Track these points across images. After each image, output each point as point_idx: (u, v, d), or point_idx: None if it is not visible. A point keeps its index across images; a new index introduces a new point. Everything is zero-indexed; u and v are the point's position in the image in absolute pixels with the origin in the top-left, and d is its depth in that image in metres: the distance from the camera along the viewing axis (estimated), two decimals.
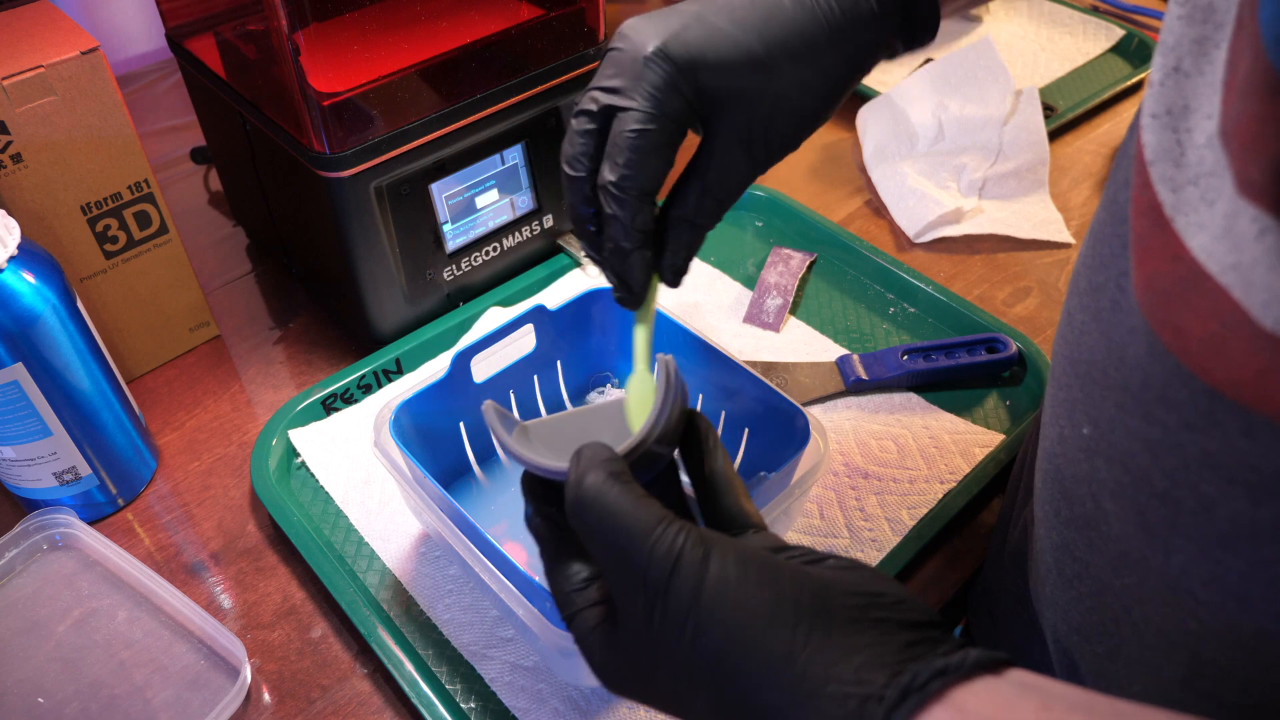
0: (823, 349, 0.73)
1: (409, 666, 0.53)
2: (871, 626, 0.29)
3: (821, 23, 0.42)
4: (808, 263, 0.80)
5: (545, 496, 0.39)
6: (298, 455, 0.67)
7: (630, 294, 0.44)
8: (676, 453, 0.41)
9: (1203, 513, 0.33)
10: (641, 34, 0.41)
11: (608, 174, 0.41)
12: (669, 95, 0.40)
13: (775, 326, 0.75)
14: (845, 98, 0.45)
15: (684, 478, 0.41)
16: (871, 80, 1.00)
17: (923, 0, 0.44)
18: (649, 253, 0.43)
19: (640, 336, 0.45)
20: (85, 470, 0.61)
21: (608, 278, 0.45)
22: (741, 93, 0.41)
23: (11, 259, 0.54)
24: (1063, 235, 0.83)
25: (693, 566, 0.31)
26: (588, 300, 0.63)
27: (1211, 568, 0.34)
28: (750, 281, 0.79)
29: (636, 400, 0.42)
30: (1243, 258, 0.27)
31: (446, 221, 0.71)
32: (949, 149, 0.91)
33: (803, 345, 0.74)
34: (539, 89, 0.71)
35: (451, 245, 0.73)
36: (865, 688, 0.28)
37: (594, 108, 0.41)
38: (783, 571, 0.31)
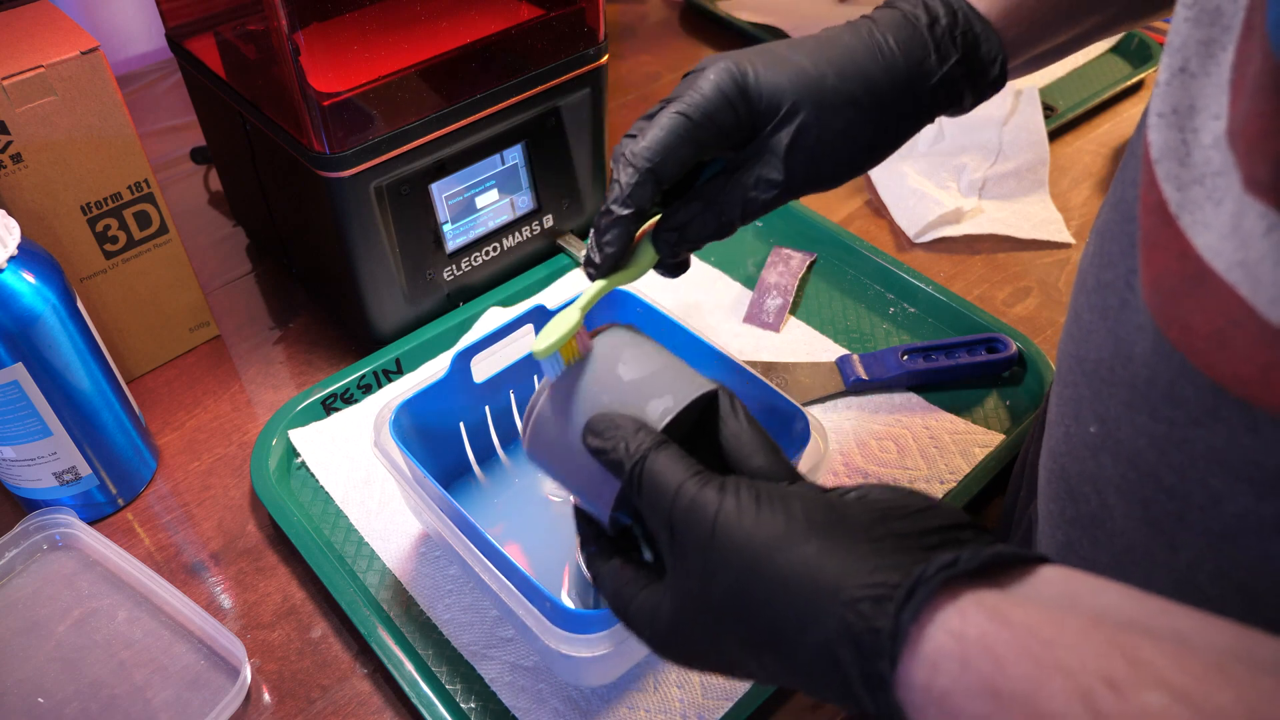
0: (823, 349, 0.73)
1: (409, 666, 0.53)
2: (891, 534, 0.30)
3: (876, 55, 0.44)
4: (808, 263, 0.80)
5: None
6: (298, 455, 0.67)
7: (599, 263, 0.43)
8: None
9: (1209, 508, 0.33)
10: (712, 59, 0.44)
11: (630, 143, 0.42)
12: (719, 103, 0.42)
13: (775, 326, 0.75)
14: (901, 141, 0.46)
15: None
16: None
17: (982, 42, 0.45)
18: (632, 230, 0.43)
19: (594, 288, 0.44)
20: (85, 470, 0.61)
21: (590, 241, 0.44)
22: (789, 106, 0.43)
23: (11, 259, 0.54)
24: (1063, 235, 0.83)
25: (708, 505, 0.33)
26: None
27: (1218, 563, 0.34)
28: (750, 281, 0.79)
29: (555, 323, 0.42)
30: (1249, 255, 0.27)
31: (446, 221, 0.71)
32: (949, 149, 0.91)
33: (803, 345, 0.74)
34: (539, 89, 0.71)
35: (451, 245, 0.73)
36: (879, 589, 0.28)
37: (652, 112, 0.43)
38: (795, 497, 0.32)
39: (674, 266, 0.47)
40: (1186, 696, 0.22)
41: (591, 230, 0.44)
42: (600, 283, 0.44)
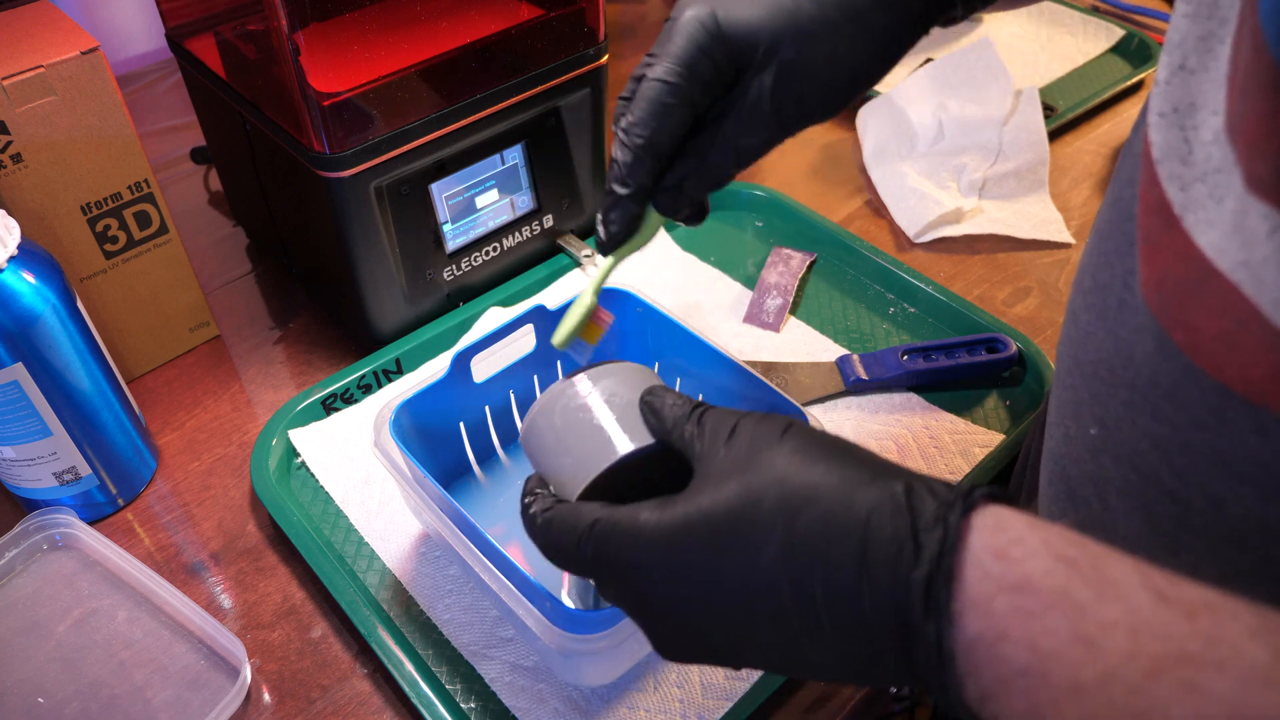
0: (823, 349, 0.73)
1: (409, 666, 0.53)
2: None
3: None
4: (808, 263, 0.80)
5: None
6: (298, 455, 0.67)
7: (606, 242, 0.44)
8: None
9: (1212, 511, 0.33)
10: (685, 3, 0.42)
11: (622, 120, 0.41)
12: (697, 56, 0.40)
13: (775, 326, 0.75)
14: (892, 61, 0.44)
15: None
16: None
17: None
18: (636, 207, 0.43)
19: (604, 266, 0.45)
20: (85, 470, 0.61)
21: (598, 219, 0.44)
22: (768, 46, 0.41)
23: (11, 259, 0.54)
24: (1063, 235, 0.83)
25: (777, 423, 0.33)
26: None
27: (1221, 566, 0.34)
28: (750, 281, 0.79)
29: (571, 311, 0.43)
30: (1253, 255, 0.27)
31: (446, 221, 0.71)
32: (949, 149, 0.91)
33: (803, 345, 0.74)
34: (539, 89, 0.71)
35: (451, 245, 0.73)
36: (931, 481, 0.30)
37: (638, 71, 0.42)
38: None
39: (690, 216, 0.46)
40: (1236, 597, 0.24)
41: (599, 209, 0.43)
42: (610, 259, 0.44)
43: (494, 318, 0.74)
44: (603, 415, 0.40)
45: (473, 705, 0.53)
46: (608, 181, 0.42)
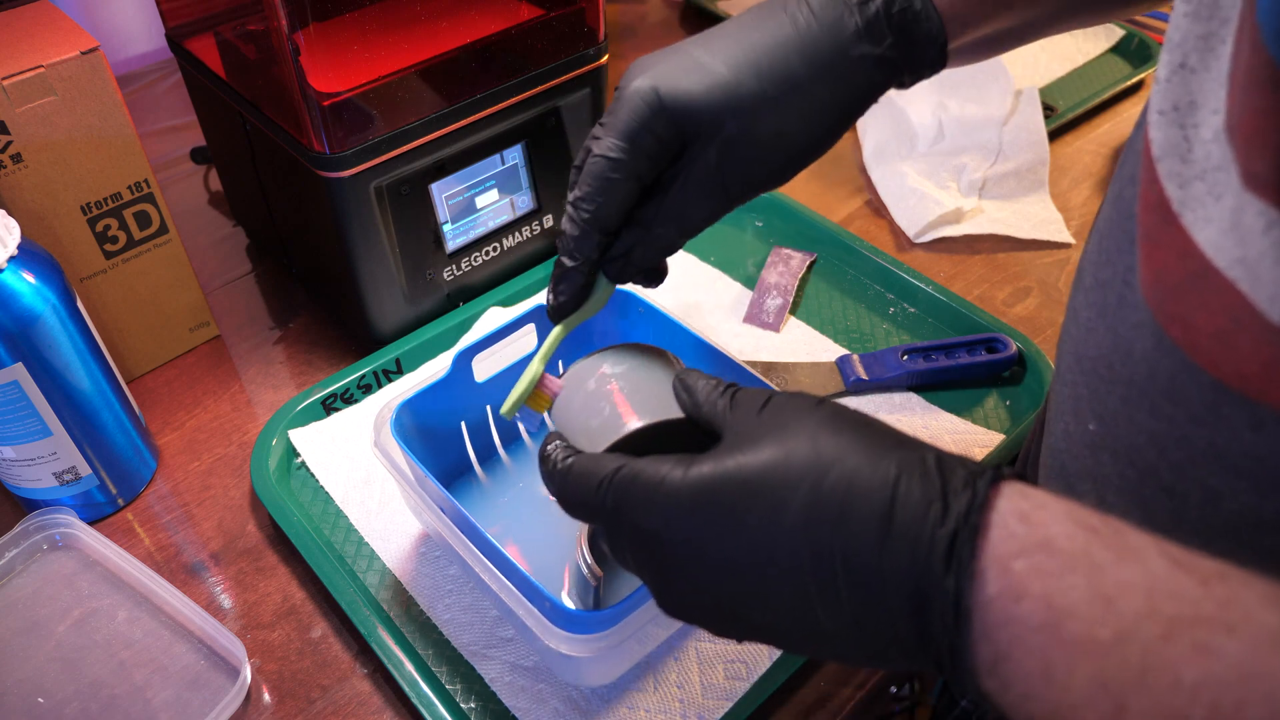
0: (823, 349, 0.73)
1: (409, 666, 0.53)
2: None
3: (800, 42, 0.41)
4: (808, 263, 0.80)
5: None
6: (298, 455, 0.67)
7: (557, 309, 0.44)
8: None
9: (1209, 506, 0.33)
10: (632, 72, 0.42)
11: (570, 193, 0.42)
12: (640, 131, 0.41)
13: (775, 326, 0.75)
14: (841, 130, 0.43)
15: None
16: None
17: (921, 19, 0.41)
18: (584, 278, 0.43)
19: (553, 335, 0.46)
20: (85, 470, 0.61)
21: (548, 288, 0.45)
22: (716, 126, 0.41)
23: (11, 259, 0.54)
24: (1063, 235, 0.83)
25: (809, 397, 0.34)
26: None
27: None
28: (750, 281, 0.79)
29: (518, 385, 0.44)
30: (1249, 252, 0.27)
31: (446, 221, 0.71)
32: (949, 149, 0.91)
33: (803, 345, 0.74)
34: (539, 89, 0.71)
35: (451, 245, 0.73)
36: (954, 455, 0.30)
37: (588, 141, 0.43)
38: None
39: (645, 280, 0.46)
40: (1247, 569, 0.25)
41: (551, 278, 0.44)
42: (558, 328, 0.45)
43: (494, 318, 0.74)
44: (634, 387, 0.41)
45: (473, 705, 0.53)
46: (558, 253, 0.43)
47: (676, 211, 0.43)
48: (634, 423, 0.40)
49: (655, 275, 0.46)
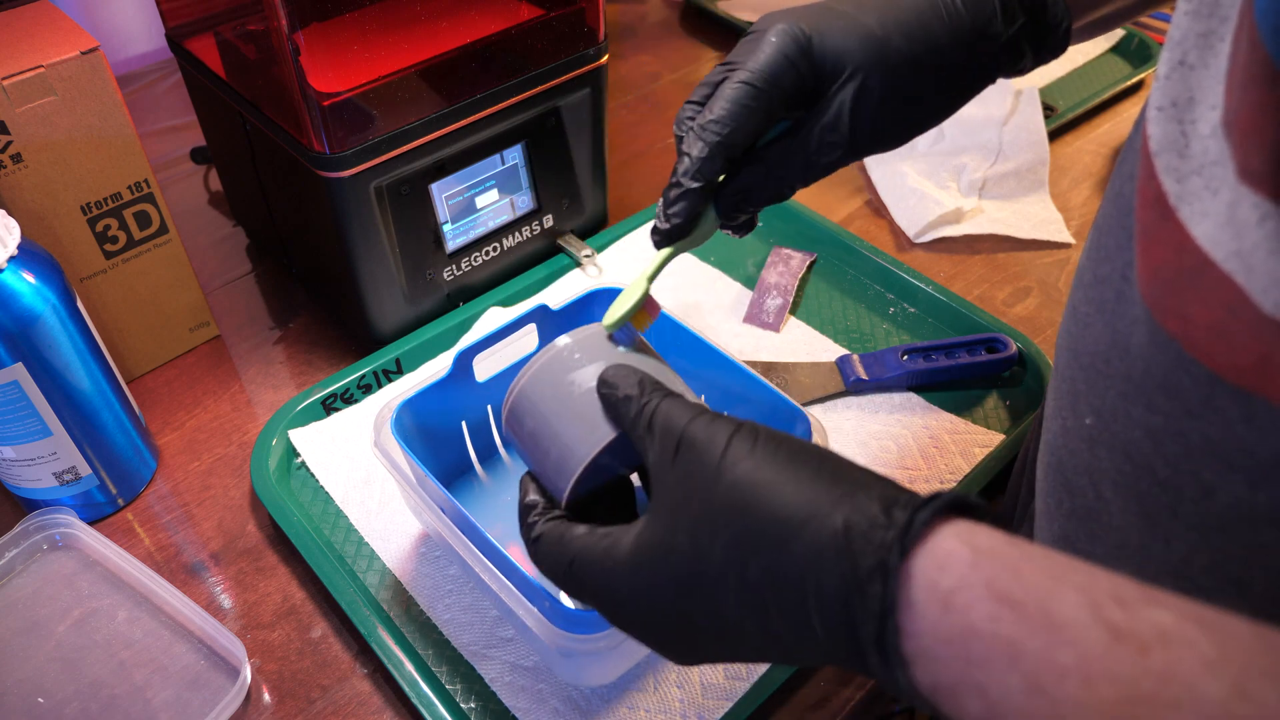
0: (823, 349, 0.73)
1: (409, 666, 0.53)
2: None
3: (943, 14, 0.43)
4: (808, 263, 0.80)
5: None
6: (298, 455, 0.67)
7: (667, 233, 0.44)
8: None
9: (1203, 499, 0.33)
10: (770, 19, 0.43)
11: (699, 117, 0.42)
12: (781, 65, 0.41)
13: (775, 326, 0.75)
14: (963, 102, 0.45)
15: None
16: None
17: (1050, 6, 0.43)
18: (701, 202, 0.43)
19: (659, 256, 0.45)
20: (85, 470, 0.61)
21: (657, 211, 0.44)
22: (855, 69, 0.42)
23: (11, 259, 0.54)
24: (1063, 235, 0.83)
25: (720, 432, 0.34)
26: (590, 300, 0.63)
27: (1211, 554, 0.34)
28: (750, 281, 0.79)
29: (623, 297, 0.44)
30: (1245, 244, 0.28)
31: (446, 221, 0.71)
32: (949, 149, 0.91)
33: (803, 345, 0.74)
34: (539, 89, 0.71)
35: (451, 245, 0.73)
36: (891, 492, 0.30)
37: (713, 78, 0.43)
38: (797, 441, 0.34)
39: (740, 226, 0.47)
40: (1196, 617, 0.24)
41: (660, 200, 0.44)
42: (666, 251, 0.45)
43: (494, 318, 0.74)
44: (569, 407, 0.41)
45: (473, 705, 0.53)
46: (675, 175, 0.43)
47: (802, 155, 0.43)
48: (576, 466, 0.41)
49: (750, 224, 0.47)
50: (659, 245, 0.44)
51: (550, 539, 0.38)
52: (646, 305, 0.44)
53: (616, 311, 0.43)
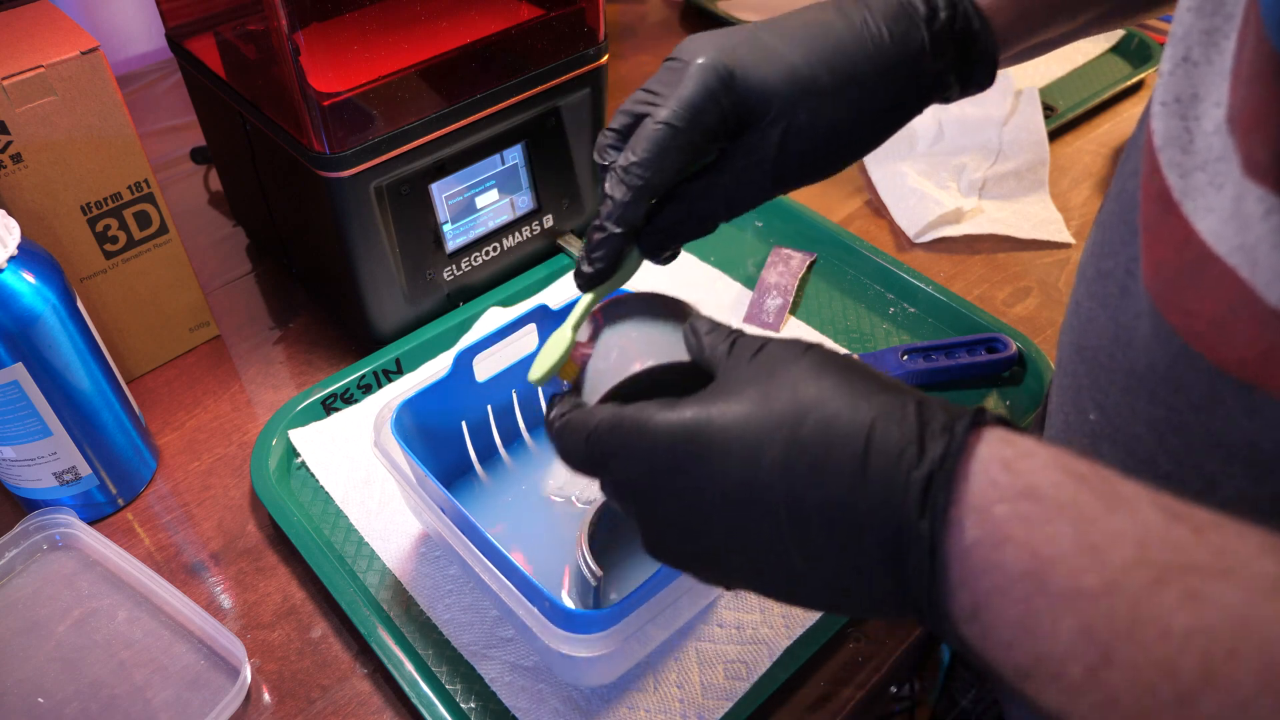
0: None
1: (409, 666, 0.53)
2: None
3: (870, 49, 0.42)
4: (808, 263, 0.80)
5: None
6: (298, 455, 0.67)
7: (590, 276, 0.43)
8: None
9: (1206, 493, 0.33)
10: (692, 48, 0.42)
11: (621, 159, 0.41)
12: (704, 102, 0.40)
13: (775, 326, 0.75)
14: (889, 134, 0.44)
15: None
16: None
17: (978, 40, 0.43)
18: (625, 244, 0.43)
19: (583, 303, 0.45)
20: (85, 470, 0.61)
21: (580, 254, 0.44)
22: (780, 107, 0.41)
23: (11, 259, 0.54)
24: (1063, 235, 0.83)
25: (798, 342, 0.34)
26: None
27: None
28: (750, 281, 0.79)
29: (547, 349, 0.43)
30: (1249, 238, 0.28)
31: (446, 221, 0.71)
32: (949, 149, 0.91)
33: None
34: (539, 89, 0.71)
35: (451, 245, 0.73)
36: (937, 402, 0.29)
37: (633, 108, 0.42)
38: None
39: (668, 257, 0.46)
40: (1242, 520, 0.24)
41: (584, 242, 0.43)
42: (589, 295, 0.44)
43: (494, 318, 0.74)
44: (644, 333, 0.41)
45: (473, 705, 0.53)
46: (598, 218, 0.42)
47: (728, 191, 0.43)
48: (636, 366, 0.40)
49: (674, 254, 0.47)
50: (584, 289, 0.44)
51: (579, 413, 0.36)
52: (574, 354, 0.44)
53: (544, 365, 0.42)
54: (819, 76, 0.41)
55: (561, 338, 0.43)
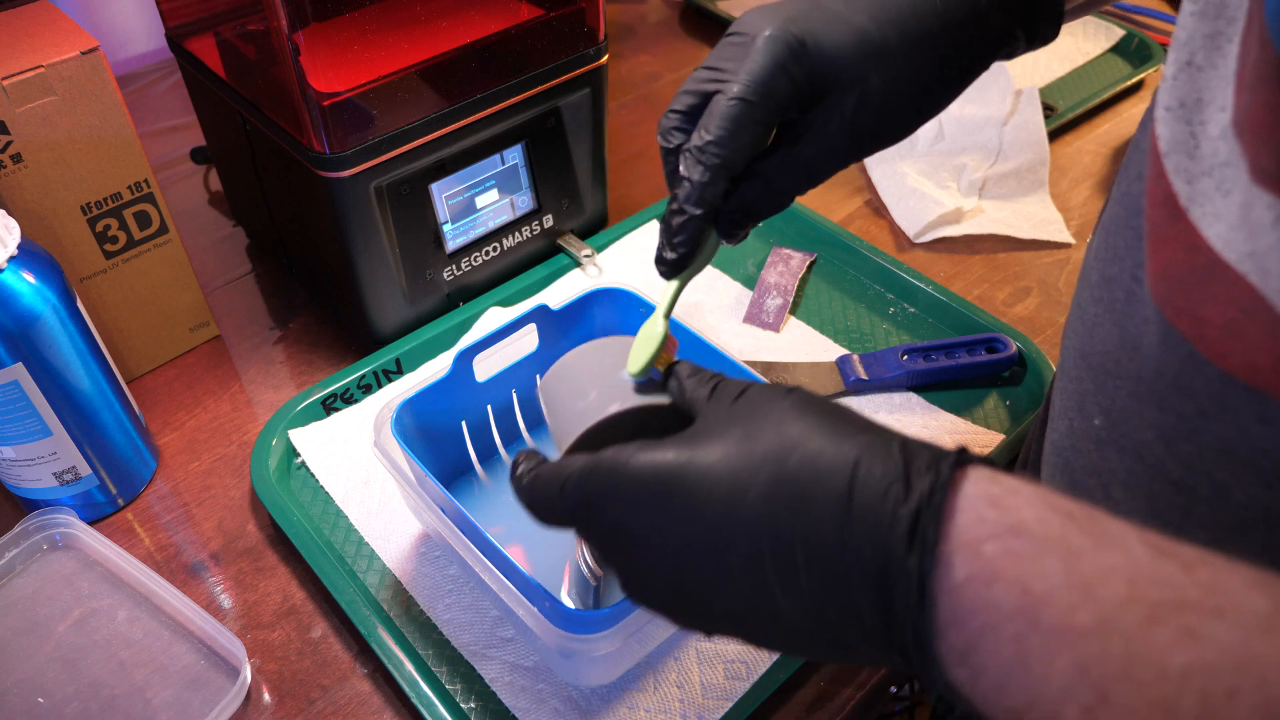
0: (823, 349, 0.73)
1: (409, 666, 0.53)
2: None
3: (938, 6, 0.41)
4: (808, 263, 0.80)
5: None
6: (298, 455, 0.67)
7: (674, 263, 0.42)
8: None
9: (1216, 500, 0.33)
10: (756, 21, 0.41)
11: (695, 139, 0.40)
12: (776, 76, 0.39)
13: (775, 326, 0.75)
14: (960, 90, 0.44)
15: None
16: None
17: (1043, 11, 0.42)
18: (705, 226, 0.41)
19: (671, 289, 0.44)
20: (85, 470, 0.61)
21: (660, 240, 0.43)
22: (853, 74, 0.40)
23: (11, 259, 0.54)
24: (1063, 235, 0.83)
25: (779, 389, 0.33)
26: (590, 300, 0.63)
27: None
28: (750, 281, 0.79)
29: (642, 340, 0.43)
30: (1259, 245, 0.28)
31: (446, 221, 0.71)
32: (949, 149, 0.91)
33: (803, 345, 0.74)
34: (539, 89, 0.71)
35: (451, 245, 0.73)
36: (921, 443, 0.29)
37: (697, 86, 0.41)
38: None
39: (739, 237, 0.45)
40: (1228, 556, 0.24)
41: (661, 228, 0.42)
42: (675, 283, 0.44)
43: (494, 318, 0.74)
44: (598, 380, 0.41)
45: (473, 705, 0.53)
46: (676, 201, 0.41)
47: (805, 163, 0.42)
48: (614, 407, 0.40)
49: (747, 234, 0.45)
50: (668, 276, 0.43)
51: (550, 466, 0.36)
52: (667, 345, 0.43)
53: (641, 357, 0.42)
54: (889, 39, 0.40)
55: (655, 328, 0.43)
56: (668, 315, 0.43)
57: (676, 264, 0.42)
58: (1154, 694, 0.22)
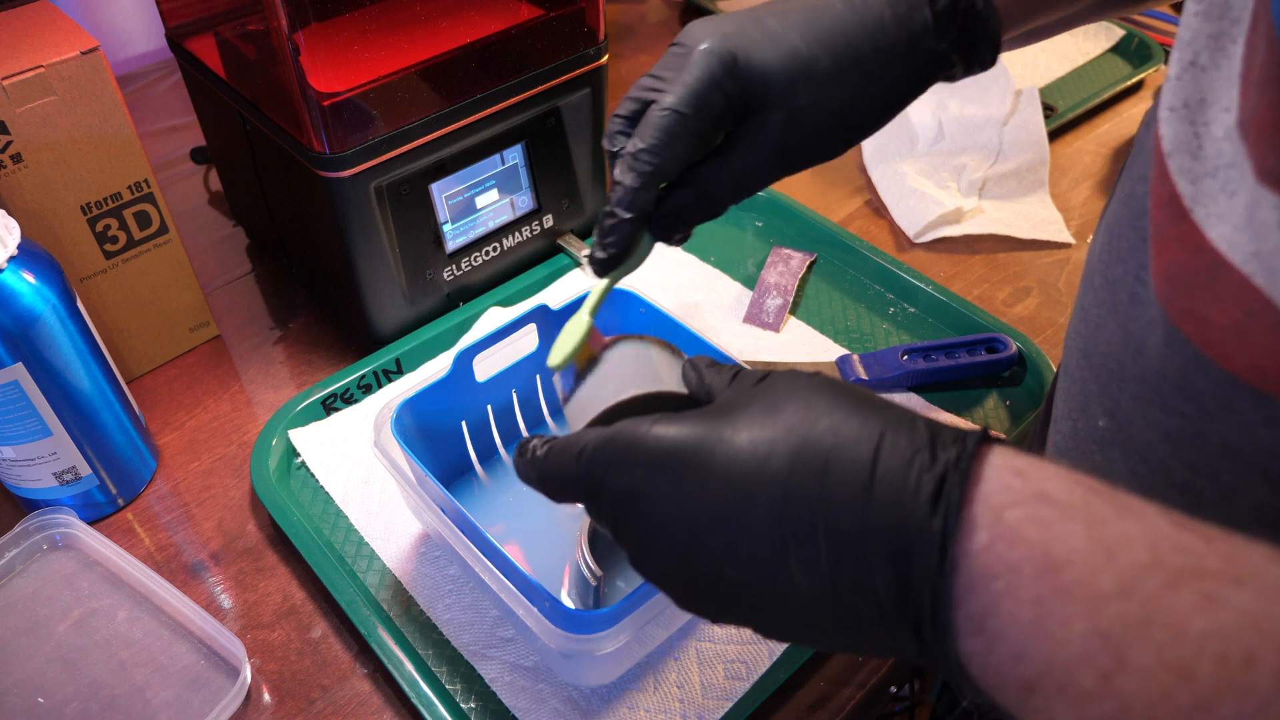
0: (823, 349, 0.73)
1: (409, 666, 0.53)
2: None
3: (870, 30, 0.42)
4: (808, 263, 0.80)
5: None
6: (298, 455, 0.67)
7: (604, 262, 0.43)
8: None
9: (1223, 503, 0.33)
10: (696, 34, 0.42)
11: (629, 145, 0.42)
12: (709, 89, 0.41)
13: (775, 326, 0.75)
14: (894, 113, 0.45)
15: None
16: None
17: (982, 19, 0.43)
18: (636, 229, 0.43)
19: (599, 288, 0.45)
20: (85, 470, 0.61)
21: (594, 239, 0.44)
22: (780, 91, 0.42)
23: (11, 259, 0.54)
24: (1063, 235, 0.83)
25: (801, 373, 0.33)
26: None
27: None
28: (750, 281, 0.79)
29: (566, 334, 0.44)
30: (1265, 246, 0.28)
31: (446, 221, 0.71)
32: (949, 149, 0.91)
33: (803, 345, 0.74)
34: (539, 89, 0.71)
35: (451, 245, 0.73)
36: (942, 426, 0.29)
37: (639, 94, 0.42)
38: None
39: (681, 239, 0.47)
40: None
41: (595, 229, 0.43)
42: (604, 281, 0.45)
43: (494, 318, 0.74)
44: (641, 367, 0.42)
45: (473, 705, 0.53)
46: (609, 204, 0.42)
47: (736, 173, 0.43)
48: (631, 390, 0.40)
49: (687, 236, 0.47)
50: (600, 274, 0.44)
51: (565, 439, 0.36)
52: (592, 339, 0.44)
53: (563, 350, 0.43)
54: (819, 59, 0.42)
55: (579, 323, 0.44)
56: (594, 311, 0.44)
57: (607, 263, 0.43)
58: (1171, 657, 0.22)
